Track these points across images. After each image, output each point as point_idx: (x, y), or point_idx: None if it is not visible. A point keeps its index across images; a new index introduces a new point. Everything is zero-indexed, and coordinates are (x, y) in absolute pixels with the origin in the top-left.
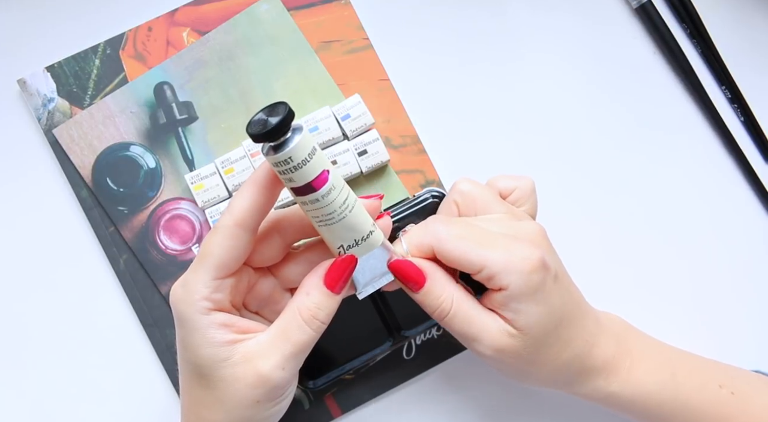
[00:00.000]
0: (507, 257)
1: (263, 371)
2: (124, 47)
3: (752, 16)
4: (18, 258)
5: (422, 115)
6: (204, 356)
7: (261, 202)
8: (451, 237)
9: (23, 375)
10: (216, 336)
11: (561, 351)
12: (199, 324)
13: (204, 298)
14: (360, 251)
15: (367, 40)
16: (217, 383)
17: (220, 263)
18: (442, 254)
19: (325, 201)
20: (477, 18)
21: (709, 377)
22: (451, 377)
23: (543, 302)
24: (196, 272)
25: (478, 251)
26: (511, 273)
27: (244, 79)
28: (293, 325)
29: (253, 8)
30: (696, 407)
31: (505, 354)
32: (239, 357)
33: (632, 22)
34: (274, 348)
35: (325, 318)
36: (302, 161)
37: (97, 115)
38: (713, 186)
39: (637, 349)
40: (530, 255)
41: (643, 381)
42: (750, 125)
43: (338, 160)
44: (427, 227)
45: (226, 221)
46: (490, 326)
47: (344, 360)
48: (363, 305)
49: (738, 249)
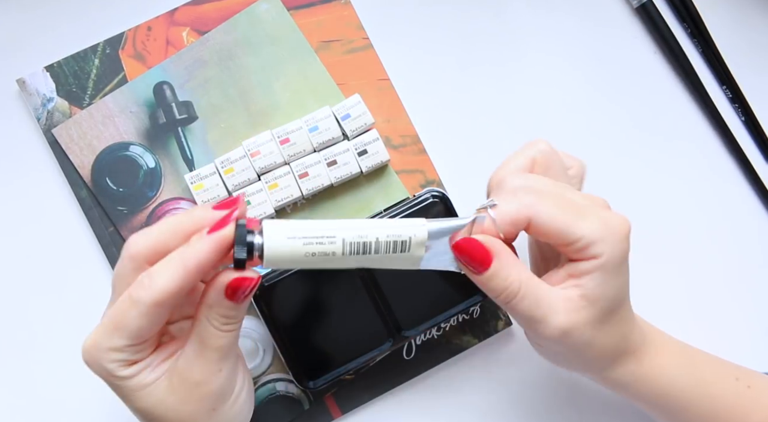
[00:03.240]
0: (603, 227)
1: (201, 380)
2: (124, 47)
3: (753, 15)
4: (17, 259)
5: (422, 115)
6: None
7: (187, 286)
8: (549, 209)
9: (22, 375)
10: (145, 380)
11: (615, 330)
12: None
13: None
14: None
15: (367, 39)
16: (171, 413)
17: (136, 336)
18: (540, 227)
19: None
20: (477, 18)
21: (726, 370)
22: (450, 377)
23: (623, 274)
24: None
25: (577, 222)
26: (607, 242)
27: (243, 78)
28: (208, 334)
29: (253, 8)
30: (715, 396)
31: (569, 334)
32: (176, 380)
33: (633, 21)
34: (200, 358)
35: (235, 321)
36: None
37: (96, 115)
38: (714, 186)
39: (657, 337)
40: (622, 223)
41: (667, 367)
42: (751, 125)
43: (338, 159)
44: (519, 200)
45: (146, 299)
46: (559, 306)
47: (344, 360)
48: (363, 305)
49: (738, 249)
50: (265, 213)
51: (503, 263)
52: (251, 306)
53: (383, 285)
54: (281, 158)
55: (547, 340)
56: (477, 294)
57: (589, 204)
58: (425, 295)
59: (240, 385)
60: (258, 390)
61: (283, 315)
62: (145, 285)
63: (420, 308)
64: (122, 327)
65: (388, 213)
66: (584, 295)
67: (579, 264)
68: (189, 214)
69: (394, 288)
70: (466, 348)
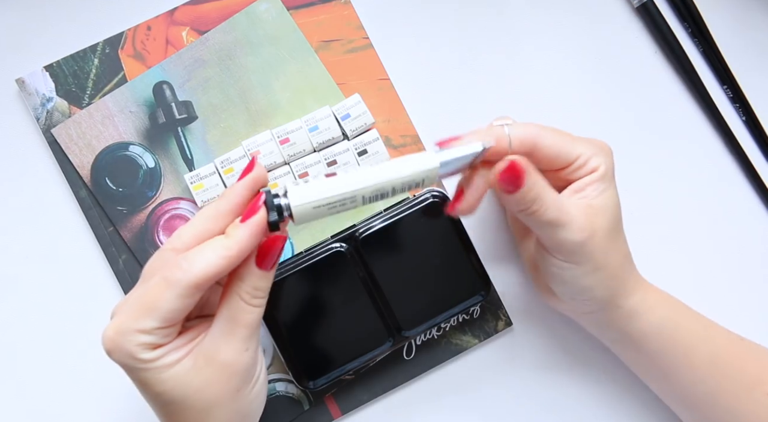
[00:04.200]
0: (594, 145)
1: (228, 360)
2: (123, 46)
3: (754, 15)
4: (17, 258)
5: (422, 114)
6: (168, 381)
7: (228, 270)
8: (551, 134)
9: (22, 375)
10: (170, 360)
11: (621, 247)
12: (149, 365)
13: (147, 343)
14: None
15: (367, 39)
16: (195, 395)
17: (168, 318)
18: (543, 149)
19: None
20: (477, 17)
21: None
22: (451, 377)
23: (615, 187)
24: (138, 322)
25: (573, 143)
26: (601, 155)
27: (243, 78)
28: (237, 309)
29: (253, 7)
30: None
31: (591, 238)
32: (202, 361)
33: (633, 21)
34: (229, 336)
35: (264, 294)
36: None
37: (96, 115)
38: (715, 185)
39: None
40: (605, 144)
41: (671, 300)
42: (751, 124)
43: (338, 159)
44: (526, 125)
45: (185, 280)
46: (578, 212)
47: (344, 360)
48: (363, 305)
49: (738, 249)
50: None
51: (534, 178)
52: None
53: (383, 285)
54: (281, 158)
55: (571, 248)
56: (477, 294)
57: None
58: (425, 295)
59: (260, 367)
60: None
61: (283, 315)
62: (183, 268)
63: (420, 308)
64: (155, 308)
65: (388, 213)
66: (591, 204)
67: (581, 181)
68: (225, 198)
69: (394, 288)
70: (466, 348)
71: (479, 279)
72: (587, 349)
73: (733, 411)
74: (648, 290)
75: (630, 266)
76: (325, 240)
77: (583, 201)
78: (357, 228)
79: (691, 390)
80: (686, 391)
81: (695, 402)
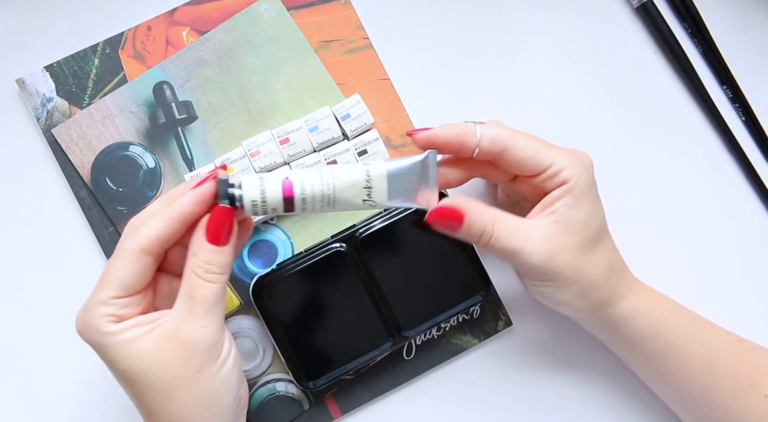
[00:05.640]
0: (569, 155)
1: (187, 337)
2: (124, 47)
3: (753, 15)
4: (16, 258)
5: (422, 115)
6: (131, 357)
7: (170, 234)
8: (524, 139)
9: (21, 374)
10: (132, 335)
11: (602, 258)
12: (112, 339)
13: (108, 315)
14: (379, 190)
15: (366, 39)
16: (157, 374)
17: (122, 285)
18: (514, 152)
19: (310, 195)
20: (477, 17)
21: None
22: (451, 377)
23: (593, 200)
24: (97, 294)
25: (547, 151)
26: (575, 167)
27: (243, 78)
28: (193, 285)
29: (253, 8)
30: (710, 341)
31: (553, 260)
32: (164, 339)
33: (633, 21)
34: (187, 314)
35: (220, 270)
36: (261, 194)
37: (96, 115)
38: (714, 185)
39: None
40: (585, 155)
41: (664, 303)
42: (751, 124)
43: (338, 159)
44: (500, 128)
45: (131, 246)
46: (535, 234)
47: (344, 360)
48: (363, 305)
49: (738, 249)
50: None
51: (474, 213)
52: (251, 306)
53: (383, 285)
54: (281, 158)
55: (536, 272)
56: (477, 294)
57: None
58: (425, 295)
59: (227, 350)
60: (258, 390)
61: (283, 315)
62: (130, 236)
63: (420, 308)
64: (110, 277)
65: (388, 213)
66: (557, 221)
67: (551, 194)
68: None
69: (394, 288)
70: (466, 348)
71: (479, 279)
72: (587, 349)
73: (731, 411)
74: (640, 294)
75: (617, 274)
76: (325, 240)
77: (549, 219)
78: (357, 229)
79: (687, 391)
80: (683, 391)
81: (692, 402)
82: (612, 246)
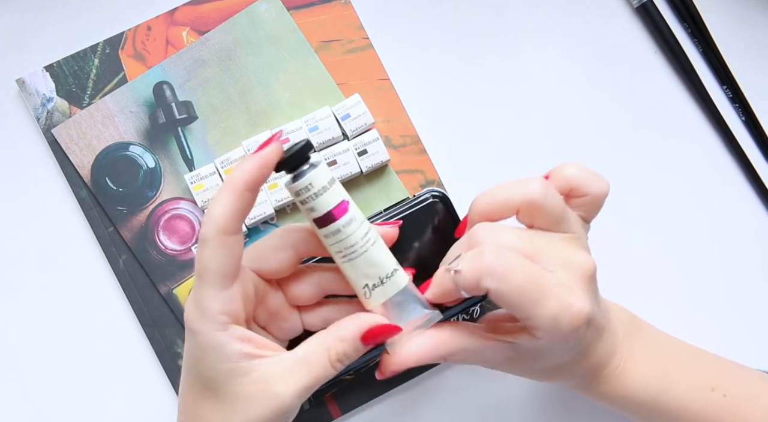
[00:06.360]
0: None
1: (281, 396)
2: (124, 47)
3: (753, 15)
4: (16, 258)
5: (422, 115)
6: (221, 370)
7: (239, 205)
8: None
9: (21, 374)
10: (235, 351)
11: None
12: (218, 340)
13: (219, 313)
14: (385, 291)
15: (367, 39)
16: (230, 398)
17: (219, 274)
18: (497, 299)
19: (346, 231)
20: (477, 17)
21: (703, 378)
22: (451, 378)
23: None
24: (201, 290)
25: (532, 306)
26: (551, 334)
27: (243, 78)
28: (318, 361)
29: (253, 8)
30: (683, 408)
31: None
32: (257, 376)
33: (633, 21)
34: (294, 376)
35: (349, 363)
36: (321, 189)
37: (96, 115)
38: (714, 185)
39: (638, 347)
40: (579, 311)
41: (632, 382)
42: (751, 124)
43: (338, 159)
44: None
45: (210, 231)
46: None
47: None
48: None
49: (738, 249)
50: (264, 213)
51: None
52: None
53: None
54: None
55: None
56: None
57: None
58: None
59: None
60: None
61: None
62: (205, 223)
63: None
64: (204, 270)
65: (388, 212)
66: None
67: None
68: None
69: None
70: None
71: None
72: None
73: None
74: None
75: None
76: None
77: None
78: None
79: None
80: None
81: None
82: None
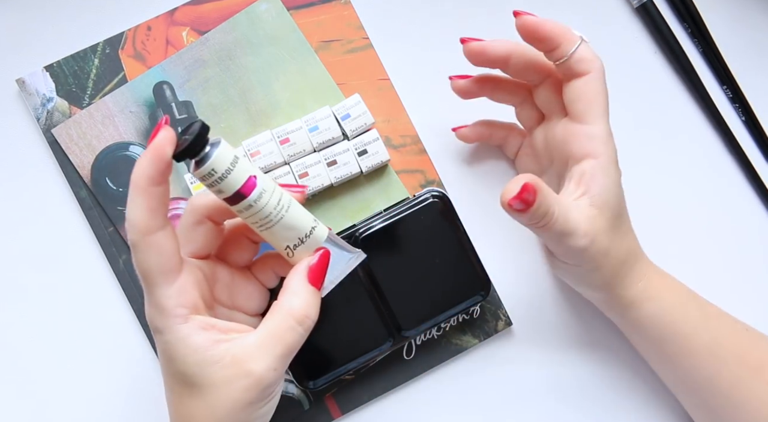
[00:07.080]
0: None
1: (257, 373)
2: (124, 47)
3: (753, 15)
4: (16, 258)
5: (422, 115)
6: (192, 363)
7: (151, 203)
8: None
9: (21, 374)
10: (200, 340)
11: (623, 241)
12: (182, 333)
13: (176, 307)
14: (307, 248)
15: (367, 39)
16: (208, 388)
17: (161, 272)
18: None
19: (258, 205)
20: (477, 17)
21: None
22: (451, 377)
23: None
24: (152, 292)
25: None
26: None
27: (243, 78)
28: (285, 326)
29: (253, 8)
30: (716, 328)
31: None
32: (229, 360)
33: (633, 21)
34: (265, 350)
35: (314, 316)
36: (225, 171)
37: (96, 115)
38: (714, 185)
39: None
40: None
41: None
42: (751, 124)
43: (338, 159)
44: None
45: (134, 236)
46: (580, 218)
47: (344, 360)
48: (363, 305)
49: (738, 249)
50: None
51: (544, 194)
52: None
53: (383, 286)
54: (281, 158)
55: (574, 253)
56: (477, 294)
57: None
58: (425, 295)
59: (278, 390)
60: None
61: None
62: (127, 229)
63: (420, 308)
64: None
65: (388, 212)
66: (593, 202)
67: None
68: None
69: (394, 288)
70: (466, 348)
71: (479, 279)
72: (587, 350)
73: (732, 398)
74: (653, 279)
75: (633, 259)
76: None
77: (585, 201)
78: (357, 228)
79: (691, 377)
80: (686, 377)
81: (694, 387)
82: (630, 229)
